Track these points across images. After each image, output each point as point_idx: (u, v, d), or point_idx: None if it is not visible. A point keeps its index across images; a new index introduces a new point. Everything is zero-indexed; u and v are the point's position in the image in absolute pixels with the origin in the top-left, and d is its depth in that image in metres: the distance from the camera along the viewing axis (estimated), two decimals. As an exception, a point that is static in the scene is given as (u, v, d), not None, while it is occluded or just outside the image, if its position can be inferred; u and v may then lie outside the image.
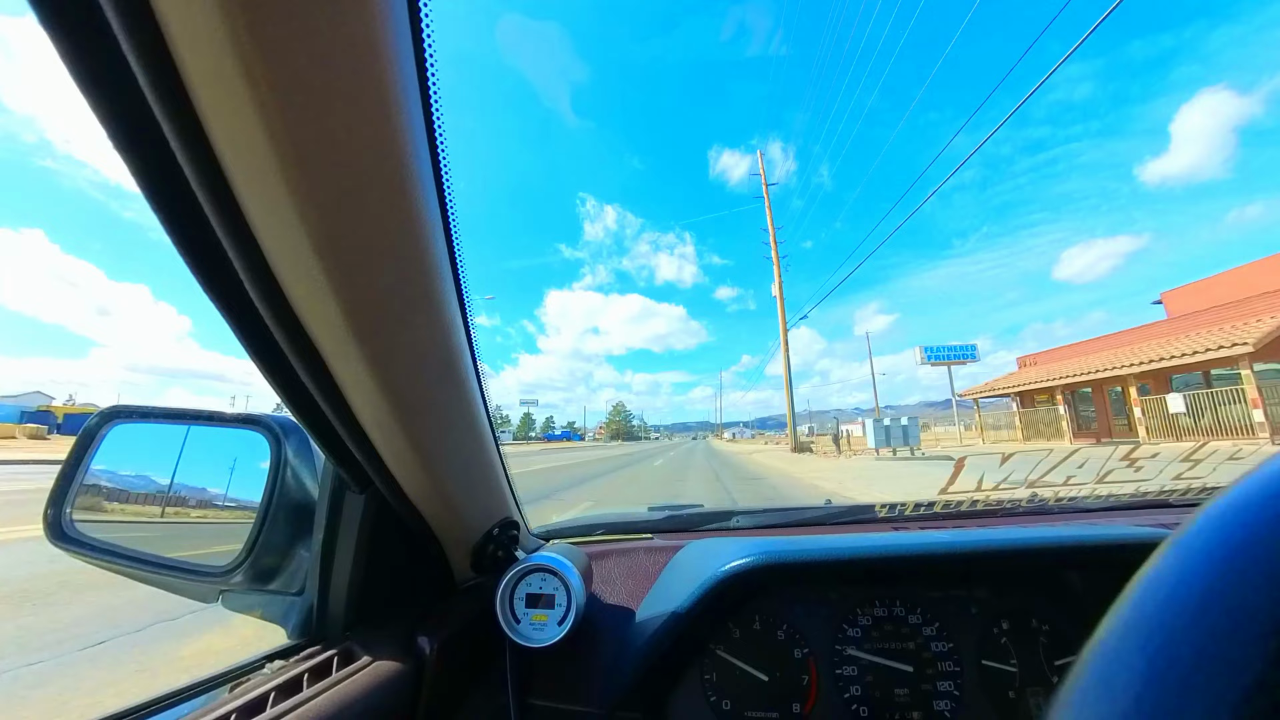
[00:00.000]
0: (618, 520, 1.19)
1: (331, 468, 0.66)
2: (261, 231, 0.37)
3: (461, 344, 0.58)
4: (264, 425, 0.70)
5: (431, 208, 0.45)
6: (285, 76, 0.30)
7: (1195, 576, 0.18)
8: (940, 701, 0.71)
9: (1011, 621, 0.76)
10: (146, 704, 0.53)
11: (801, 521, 1.15)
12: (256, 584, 0.68)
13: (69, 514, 0.70)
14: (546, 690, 0.74)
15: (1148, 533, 0.73)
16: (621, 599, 0.88)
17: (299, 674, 0.56)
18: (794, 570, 0.71)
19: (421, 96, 0.40)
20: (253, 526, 0.65)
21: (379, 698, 0.58)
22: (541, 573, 0.74)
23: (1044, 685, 0.72)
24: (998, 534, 0.75)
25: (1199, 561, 0.18)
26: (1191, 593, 0.17)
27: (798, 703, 0.72)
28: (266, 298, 0.41)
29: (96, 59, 0.29)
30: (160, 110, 0.31)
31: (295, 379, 0.48)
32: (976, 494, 1.16)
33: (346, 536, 0.66)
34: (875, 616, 0.77)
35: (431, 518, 0.69)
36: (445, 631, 0.69)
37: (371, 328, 0.44)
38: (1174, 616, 0.17)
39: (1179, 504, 1.09)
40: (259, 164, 0.33)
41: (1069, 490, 1.14)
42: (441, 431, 0.60)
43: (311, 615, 0.67)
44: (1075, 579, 0.77)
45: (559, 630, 0.70)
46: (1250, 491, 0.18)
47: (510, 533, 0.83)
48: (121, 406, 0.74)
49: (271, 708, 0.50)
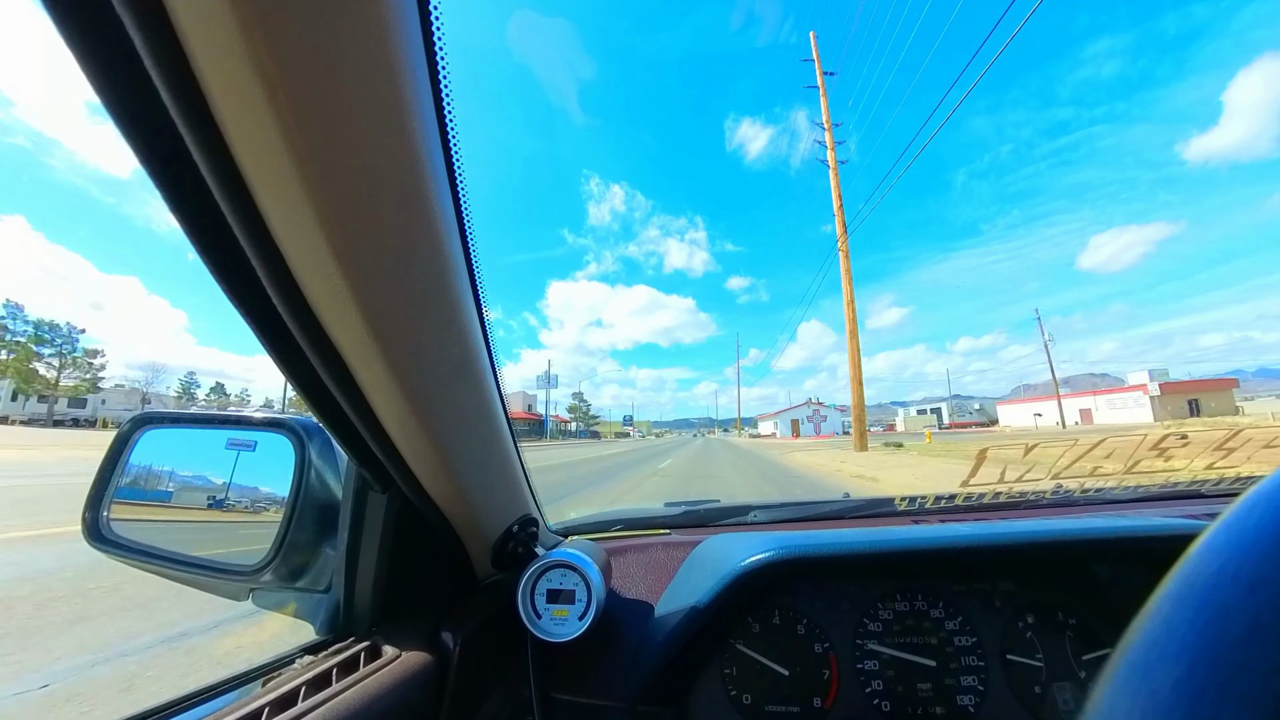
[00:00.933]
0: (635, 516, 1.20)
1: (354, 468, 0.67)
2: (282, 237, 0.38)
3: (479, 343, 0.58)
4: (288, 428, 0.71)
5: (446, 208, 0.45)
6: (301, 85, 0.30)
7: (1247, 554, 0.18)
8: (964, 696, 0.70)
9: (1037, 615, 0.75)
10: (183, 698, 0.55)
11: (820, 515, 1.14)
12: (285, 582, 0.70)
13: (105, 517, 0.73)
14: (568, 684, 0.75)
15: (1180, 524, 0.71)
16: (640, 594, 0.89)
17: (328, 668, 0.57)
18: (813, 564, 0.71)
19: (434, 97, 0.40)
20: (280, 526, 0.67)
21: (406, 691, 0.59)
22: (561, 568, 0.74)
23: (1071, 680, 0.71)
24: (1021, 526, 0.74)
25: (1251, 539, 0.18)
26: (1243, 569, 0.17)
27: (819, 697, 0.72)
28: (288, 302, 0.41)
29: (119, 73, 0.30)
30: (181, 120, 0.31)
31: (317, 381, 0.49)
32: (999, 486, 1.14)
33: (370, 535, 0.67)
34: (896, 610, 0.77)
35: (453, 516, 0.70)
36: (468, 627, 0.70)
37: (391, 329, 0.45)
38: (1225, 592, 0.17)
39: (1212, 494, 1.05)
40: (278, 171, 0.33)
41: (1095, 481, 1.12)
42: (461, 430, 0.61)
43: (339, 611, 0.69)
44: (1103, 572, 0.75)
45: (580, 625, 0.71)
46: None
47: (530, 529, 0.84)
48: (153, 413, 0.77)
49: (302, 701, 0.51)
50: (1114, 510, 1.05)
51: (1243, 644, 0.16)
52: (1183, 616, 0.18)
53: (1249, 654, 0.15)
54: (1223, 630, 0.16)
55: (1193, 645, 0.17)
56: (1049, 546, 0.70)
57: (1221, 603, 0.17)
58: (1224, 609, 0.17)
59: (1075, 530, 0.71)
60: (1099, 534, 0.69)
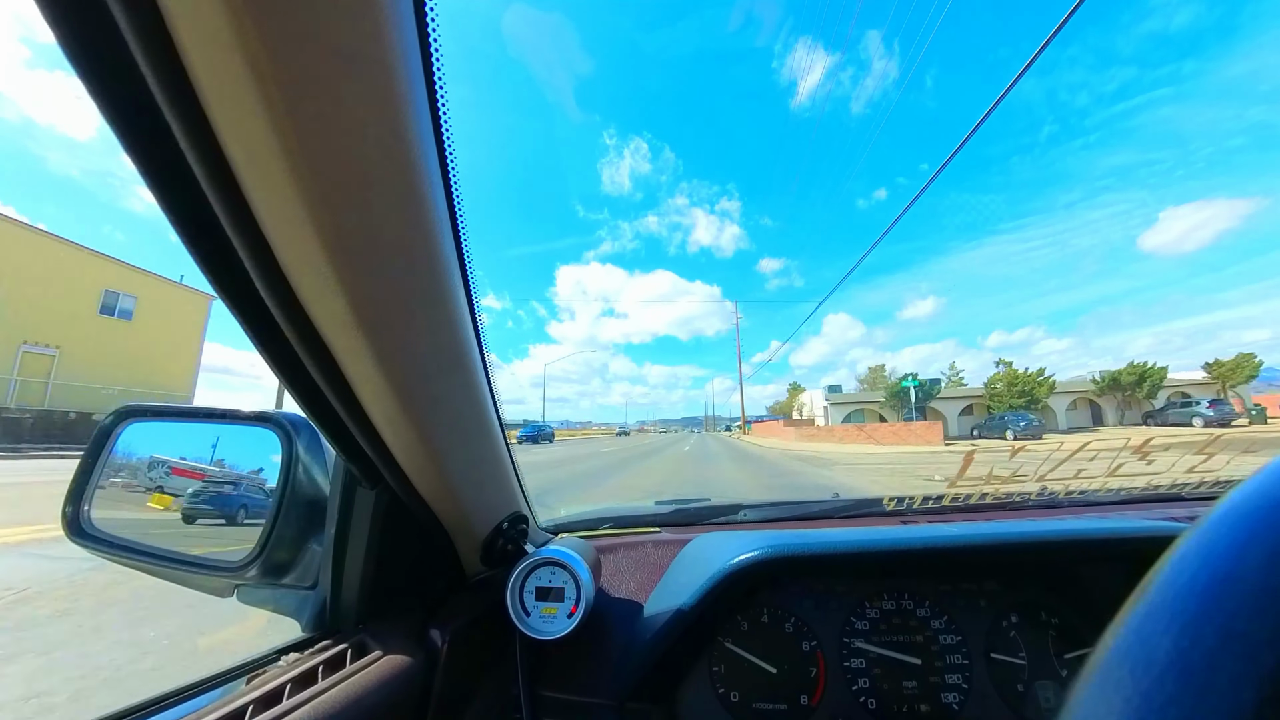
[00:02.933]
0: (625, 514, 1.20)
1: (342, 464, 0.66)
2: (269, 228, 0.37)
3: (470, 339, 0.58)
4: (275, 422, 0.70)
5: (438, 202, 0.45)
6: (290, 73, 0.30)
7: (1221, 560, 0.18)
8: (948, 694, 0.71)
9: (1020, 615, 0.76)
10: (166, 695, 0.55)
11: (809, 515, 1.15)
12: (270, 578, 0.69)
13: (87, 512, 0.72)
14: (557, 681, 0.75)
15: (1161, 526, 0.72)
16: (630, 592, 0.89)
17: (314, 666, 0.57)
18: (801, 563, 0.71)
19: (427, 85, 0.40)
20: (266, 522, 0.66)
21: (393, 689, 0.59)
22: (551, 566, 0.74)
23: (1053, 678, 0.72)
24: (1006, 527, 0.75)
25: (1224, 546, 0.18)
26: (1216, 576, 0.18)
27: (805, 694, 0.73)
28: (276, 295, 0.41)
29: (103, 56, 0.29)
30: (168, 109, 0.31)
31: (305, 375, 0.48)
32: (986, 487, 1.15)
33: (358, 531, 0.66)
34: (883, 609, 0.77)
35: (442, 512, 0.70)
36: (456, 624, 0.70)
37: (380, 324, 0.45)
38: (1200, 598, 0.18)
39: (1192, 497, 1.08)
40: (266, 162, 0.33)
41: (1080, 483, 1.13)
42: (450, 427, 0.61)
43: (325, 609, 0.68)
44: (1086, 572, 0.77)
45: (569, 623, 0.71)
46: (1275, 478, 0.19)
47: (519, 527, 0.84)
48: (135, 405, 0.75)
49: (287, 699, 0.51)
50: (1098, 512, 1.07)
51: (1214, 653, 0.16)
52: (1156, 624, 0.18)
53: (1220, 662, 0.16)
54: (1195, 639, 0.17)
55: (1166, 653, 0.17)
56: (1033, 547, 0.71)
57: (1194, 611, 0.17)
58: (1196, 618, 0.17)
59: (1059, 531, 0.72)
60: (1082, 535, 0.71)
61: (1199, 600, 0.17)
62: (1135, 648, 0.18)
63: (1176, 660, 0.17)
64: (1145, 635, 0.18)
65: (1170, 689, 0.16)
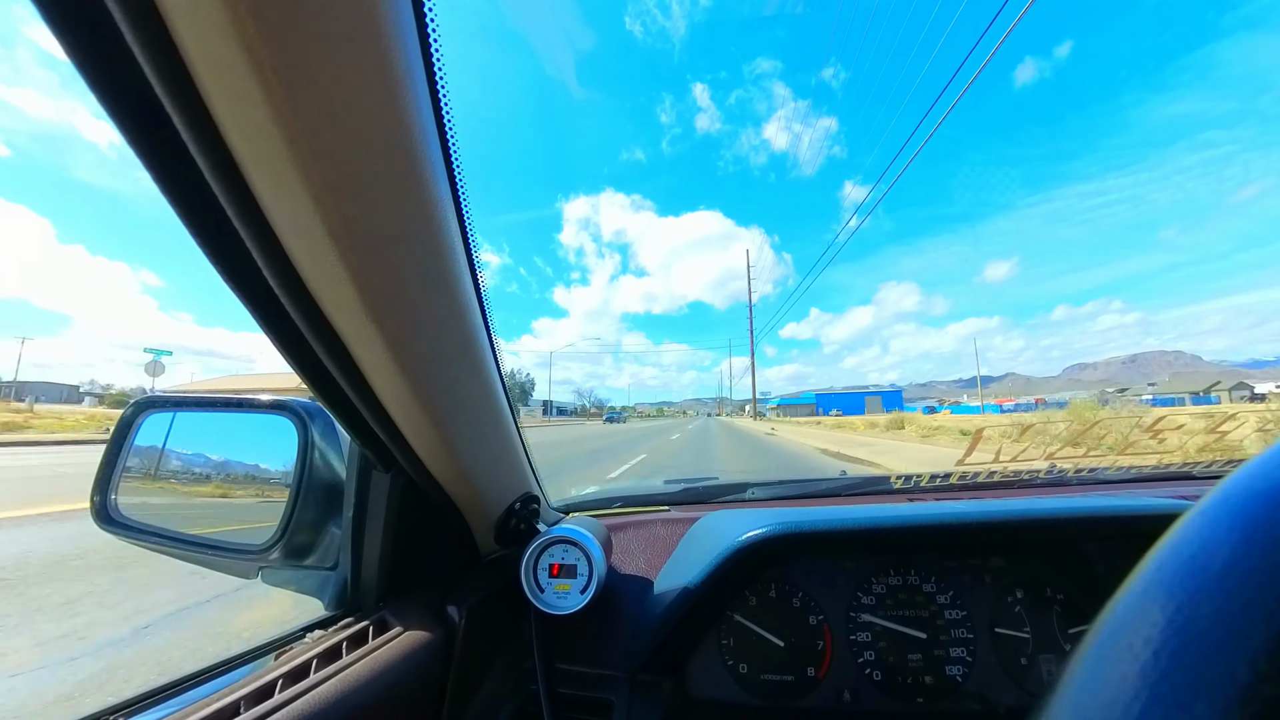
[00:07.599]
0: (635, 493, 1.22)
1: (357, 449, 0.68)
2: (276, 218, 0.37)
3: (477, 322, 0.58)
4: (290, 410, 0.72)
5: (442, 185, 0.45)
6: (288, 60, 0.29)
7: (1219, 541, 0.18)
8: (952, 667, 0.73)
9: (1026, 591, 0.77)
10: (200, 671, 0.57)
11: (817, 493, 1.16)
12: (292, 560, 0.71)
13: (114, 500, 0.74)
14: (570, 654, 0.77)
15: (1167, 504, 0.72)
16: (640, 569, 0.91)
17: (338, 642, 0.59)
18: (809, 540, 0.72)
19: (426, 70, 0.39)
20: (286, 506, 0.68)
21: (414, 662, 0.61)
22: (563, 544, 0.76)
23: (1056, 652, 0.73)
24: (1013, 504, 0.75)
25: (1223, 527, 0.18)
26: (1215, 556, 0.18)
27: (813, 667, 0.75)
28: (286, 285, 0.41)
29: (102, 49, 0.29)
30: (168, 100, 0.31)
31: (317, 363, 0.49)
32: (994, 465, 1.15)
33: (375, 514, 0.68)
34: (889, 585, 0.79)
35: (455, 494, 0.72)
36: (473, 600, 0.72)
37: (388, 309, 0.45)
38: (1196, 578, 0.18)
39: (1203, 476, 1.07)
40: (269, 151, 0.33)
41: (1089, 461, 1.13)
42: (461, 410, 0.62)
43: (346, 588, 0.71)
44: (1092, 549, 0.77)
45: (582, 598, 0.73)
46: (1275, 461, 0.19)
47: (531, 506, 0.86)
48: (155, 396, 0.77)
49: (314, 673, 0.53)
50: (1106, 490, 1.07)
51: (1208, 632, 0.16)
52: (1153, 601, 0.19)
53: (1214, 641, 0.16)
54: (1191, 616, 0.17)
55: (1161, 630, 0.17)
56: (1040, 524, 0.72)
57: (1190, 589, 0.17)
58: (1192, 595, 0.17)
59: (1066, 509, 0.72)
60: (1089, 513, 0.71)
61: (1196, 578, 0.18)
62: (1132, 623, 0.19)
63: (1171, 637, 0.17)
64: (1142, 611, 0.19)
65: (1164, 664, 0.16)
